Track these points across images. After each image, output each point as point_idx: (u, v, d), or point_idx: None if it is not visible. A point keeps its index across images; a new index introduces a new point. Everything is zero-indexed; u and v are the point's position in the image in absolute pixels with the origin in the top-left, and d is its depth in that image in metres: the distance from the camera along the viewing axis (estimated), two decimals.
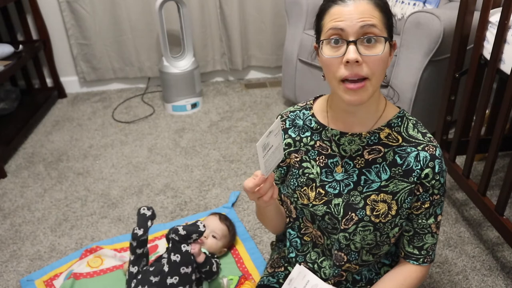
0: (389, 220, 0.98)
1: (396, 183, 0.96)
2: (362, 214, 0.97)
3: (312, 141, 1.03)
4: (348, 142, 0.99)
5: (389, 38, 0.88)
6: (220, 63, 3.06)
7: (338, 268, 1.05)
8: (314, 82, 2.42)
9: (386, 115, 0.98)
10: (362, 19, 0.83)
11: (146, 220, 1.37)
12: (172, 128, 2.55)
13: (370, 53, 0.85)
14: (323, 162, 1.02)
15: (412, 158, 0.95)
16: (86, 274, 1.53)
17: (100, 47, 2.86)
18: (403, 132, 0.97)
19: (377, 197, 0.97)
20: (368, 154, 0.98)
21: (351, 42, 0.84)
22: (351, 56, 0.83)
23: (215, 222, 1.58)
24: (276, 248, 1.24)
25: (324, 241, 1.07)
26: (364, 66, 0.85)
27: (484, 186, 1.55)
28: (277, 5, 2.89)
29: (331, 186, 1.01)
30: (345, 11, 0.84)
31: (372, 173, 0.98)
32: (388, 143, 0.97)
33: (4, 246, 1.72)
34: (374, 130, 0.98)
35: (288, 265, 1.17)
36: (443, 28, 1.84)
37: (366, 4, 0.85)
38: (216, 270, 1.41)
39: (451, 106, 1.75)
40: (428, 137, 0.97)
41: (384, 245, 1.02)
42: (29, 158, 2.29)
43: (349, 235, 1.00)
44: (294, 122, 1.06)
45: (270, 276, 1.18)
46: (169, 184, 2.05)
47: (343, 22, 0.84)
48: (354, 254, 1.02)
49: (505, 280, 1.52)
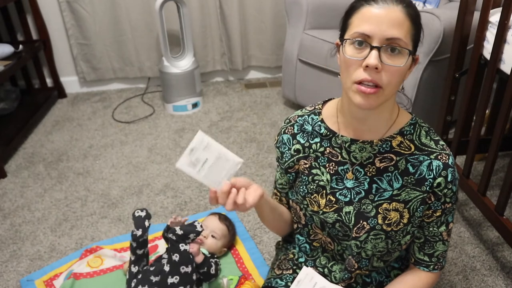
0: (401, 228, 0.96)
1: (408, 191, 0.95)
2: (374, 223, 0.96)
3: (321, 148, 1.01)
4: (359, 149, 0.97)
5: (413, 52, 0.85)
6: (220, 63, 3.06)
7: (349, 274, 1.05)
8: (314, 82, 2.42)
9: (398, 122, 0.97)
10: (390, 28, 0.81)
11: (143, 221, 1.37)
12: (172, 128, 2.55)
13: (391, 63, 0.82)
14: (333, 169, 1.00)
15: (424, 167, 0.93)
16: (86, 274, 1.53)
17: (100, 47, 2.86)
18: (415, 140, 0.96)
19: (389, 206, 0.96)
20: (380, 162, 0.97)
21: (375, 48, 0.81)
22: (371, 62, 0.81)
23: (215, 222, 1.58)
24: (283, 249, 1.22)
25: (335, 247, 1.06)
26: (383, 74, 0.83)
27: (484, 186, 1.55)
28: (277, 5, 2.89)
29: (341, 193, 1.00)
30: (375, 14, 0.82)
31: (384, 181, 0.96)
32: (400, 151, 0.95)
33: (4, 246, 1.72)
34: (386, 138, 0.96)
35: (297, 268, 1.15)
36: (443, 28, 1.84)
37: (399, 12, 0.82)
38: (214, 273, 1.41)
39: (451, 106, 1.75)
40: (441, 145, 0.95)
41: (395, 252, 1.01)
42: (29, 158, 2.29)
43: (360, 243, 0.98)
44: (303, 128, 1.04)
45: (278, 278, 1.16)
46: (169, 184, 2.05)
47: (370, 26, 0.82)
48: (365, 261, 1.01)
49: (505, 280, 1.52)
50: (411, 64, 0.88)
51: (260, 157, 2.24)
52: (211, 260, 1.45)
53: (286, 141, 1.06)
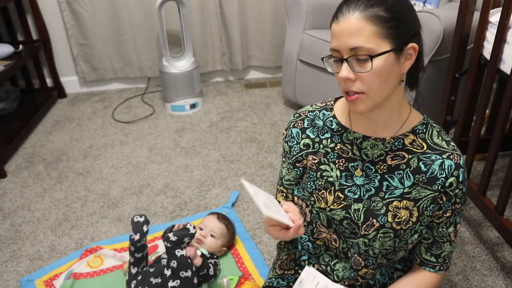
0: (410, 227, 0.97)
1: (419, 190, 0.95)
2: (383, 221, 0.96)
3: (332, 143, 1.01)
4: (370, 146, 0.98)
5: (397, 47, 0.84)
6: (220, 63, 3.06)
7: (355, 272, 1.04)
8: (314, 82, 2.42)
9: (410, 121, 0.97)
10: (348, 39, 0.83)
11: (141, 226, 1.37)
12: (172, 128, 2.55)
13: (361, 70, 0.85)
14: (343, 165, 1.00)
15: (436, 166, 0.94)
16: (86, 274, 1.53)
17: (100, 47, 2.86)
18: (427, 139, 0.96)
19: (400, 203, 0.96)
20: (391, 160, 0.97)
21: (344, 60, 0.85)
22: (342, 75, 0.86)
23: (213, 222, 1.58)
24: (285, 249, 1.21)
25: (340, 244, 1.05)
26: (358, 82, 0.86)
27: (484, 186, 1.55)
28: (277, 5, 2.88)
29: (350, 190, 0.99)
30: (338, 29, 0.85)
31: (395, 179, 0.96)
32: (413, 149, 0.96)
33: (4, 246, 1.72)
34: (398, 136, 0.96)
35: (299, 268, 1.15)
36: (443, 28, 1.84)
37: (355, 20, 0.83)
38: (213, 274, 1.41)
39: (451, 106, 1.75)
40: (452, 145, 0.96)
41: (401, 250, 1.01)
42: (29, 158, 2.29)
43: (368, 241, 0.98)
44: (314, 122, 1.04)
45: (280, 278, 1.16)
46: (169, 184, 2.05)
47: (336, 42, 0.86)
48: (372, 259, 1.01)
49: (505, 280, 1.52)
50: (400, 56, 0.86)
51: (260, 157, 2.24)
52: (210, 260, 1.46)
53: (295, 135, 1.05)
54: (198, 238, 1.49)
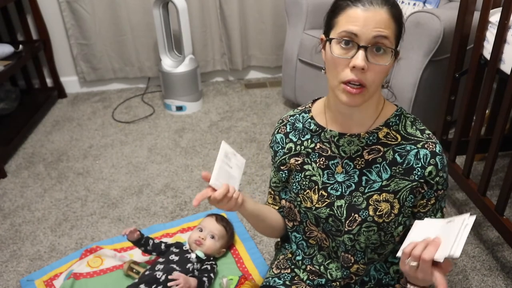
0: (392, 219, 0.98)
1: (397, 181, 0.96)
2: (365, 215, 0.97)
3: (312, 144, 1.04)
4: (347, 143, 0.99)
5: (395, 49, 0.88)
6: (220, 63, 3.06)
7: (347, 270, 1.05)
8: (314, 82, 2.42)
9: (384, 114, 0.99)
10: (377, 29, 0.83)
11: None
12: (172, 128, 2.55)
13: (377, 62, 0.85)
14: (324, 164, 1.02)
15: (412, 156, 0.95)
16: (86, 274, 1.53)
17: (100, 47, 2.86)
18: (401, 130, 0.98)
19: (379, 197, 0.97)
20: (368, 155, 0.98)
21: (362, 48, 0.83)
22: (358, 63, 0.83)
23: (212, 223, 1.57)
24: (282, 249, 1.23)
25: (330, 243, 1.07)
26: (368, 74, 0.85)
27: (484, 186, 1.55)
28: (277, 5, 2.89)
29: (333, 188, 1.01)
30: (362, 16, 0.83)
31: (373, 173, 0.98)
32: (387, 142, 0.97)
33: (4, 246, 1.72)
34: (372, 130, 0.98)
35: (295, 267, 1.17)
36: (443, 28, 1.84)
37: (385, 13, 0.84)
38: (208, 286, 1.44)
39: (451, 106, 1.75)
40: (427, 133, 0.97)
41: (388, 244, 1.02)
42: (29, 158, 2.29)
43: (353, 236, 1.00)
44: (295, 126, 1.07)
45: (276, 277, 1.17)
46: (169, 184, 2.05)
47: (358, 27, 0.83)
48: (360, 253, 1.02)
49: (505, 280, 1.52)
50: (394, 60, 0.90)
51: (260, 157, 2.24)
52: (207, 263, 1.48)
53: (279, 140, 1.09)
54: (197, 239, 1.49)
